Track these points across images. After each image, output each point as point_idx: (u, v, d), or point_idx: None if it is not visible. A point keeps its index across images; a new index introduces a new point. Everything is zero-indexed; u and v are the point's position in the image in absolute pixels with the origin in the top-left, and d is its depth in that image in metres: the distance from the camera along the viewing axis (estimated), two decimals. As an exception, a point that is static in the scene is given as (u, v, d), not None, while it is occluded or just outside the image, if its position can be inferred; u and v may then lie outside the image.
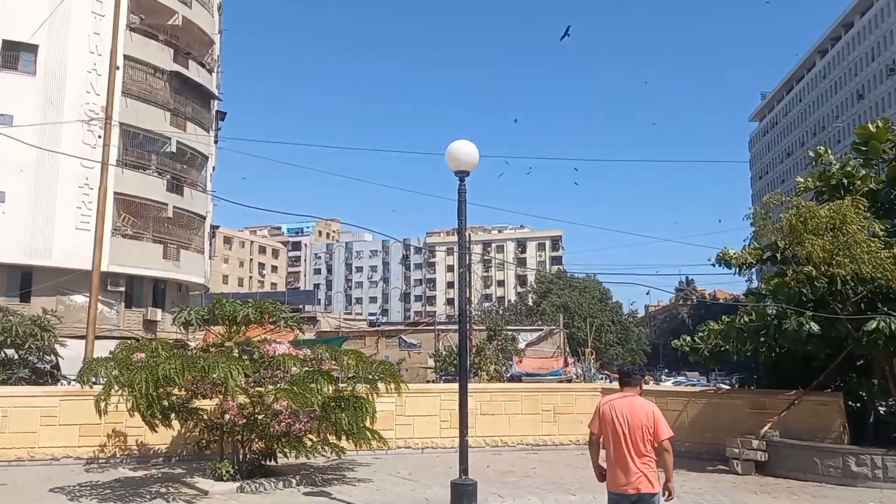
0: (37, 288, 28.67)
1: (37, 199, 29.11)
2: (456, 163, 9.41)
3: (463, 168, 9.42)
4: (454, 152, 9.40)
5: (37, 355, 14.27)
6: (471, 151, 9.41)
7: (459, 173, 9.45)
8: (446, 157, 9.46)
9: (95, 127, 29.14)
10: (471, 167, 9.47)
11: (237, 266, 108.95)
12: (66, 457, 12.91)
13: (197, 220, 36.37)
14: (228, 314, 11.82)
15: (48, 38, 29.68)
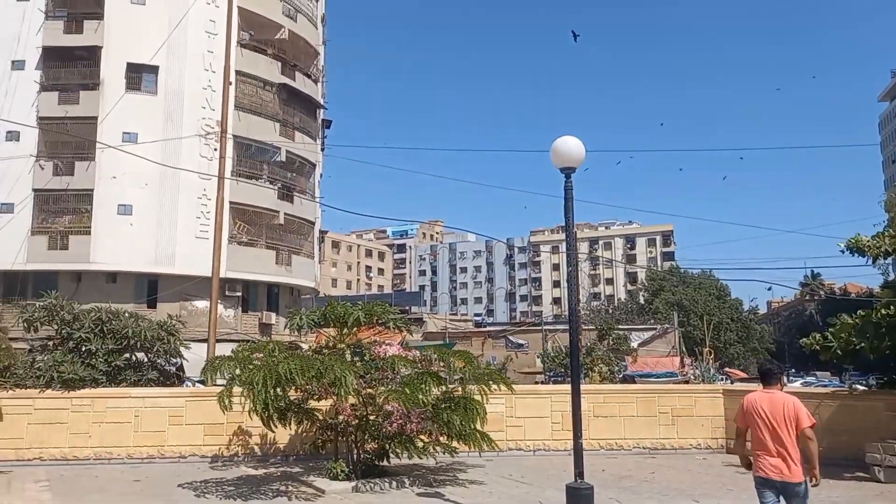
0: (162, 294, 30.47)
1: (160, 210, 30.97)
2: (561, 159, 9.17)
3: (569, 164, 9.17)
4: (560, 149, 9.16)
5: (164, 358, 15.08)
6: (576, 147, 9.15)
7: (565, 170, 9.20)
8: (551, 154, 9.23)
9: (211, 140, 30.71)
10: (577, 163, 9.20)
11: (345, 269, 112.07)
12: (192, 455, 13.54)
13: (306, 226, 37.61)
14: (340, 317, 12.05)
15: (167, 59, 31.56)
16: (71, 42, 31.35)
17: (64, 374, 13.47)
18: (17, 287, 29.95)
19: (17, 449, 13.14)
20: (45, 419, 13.31)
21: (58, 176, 30.67)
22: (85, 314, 14.69)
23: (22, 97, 30.47)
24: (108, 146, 28.44)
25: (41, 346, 14.89)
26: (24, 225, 30.31)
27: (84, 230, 30.40)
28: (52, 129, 30.76)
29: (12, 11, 31.17)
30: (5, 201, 30.29)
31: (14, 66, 30.98)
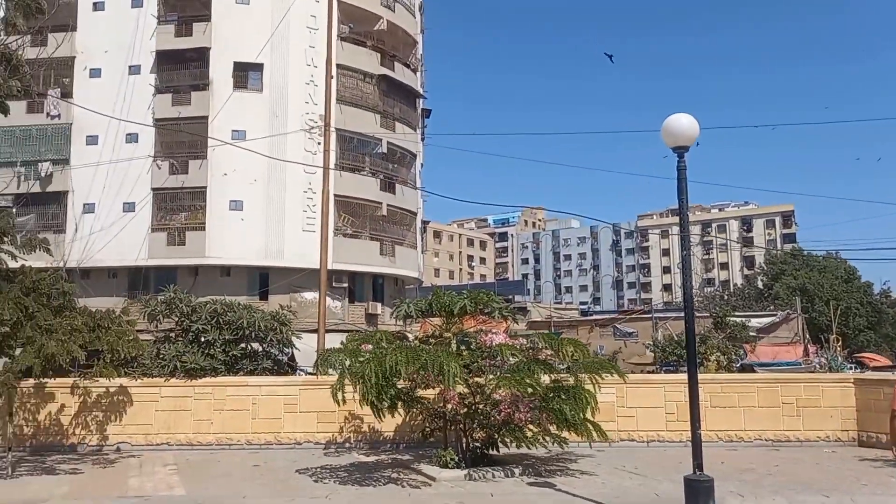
0: (273, 287, 31.59)
1: (269, 205, 32.08)
2: (674, 138, 8.74)
3: (681, 143, 8.75)
4: (672, 127, 8.73)
5: (277, 347, 15.59)
6: (689, 125, 8.70)
7: (678, 149, 8.78)
8: (662, 133, 8.82)
9: (315, 134, 31.51)
10: (690, 142, 8.77)
11: (447, 259, 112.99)
12: (307, 441, 13.96)
13: (409, 217, 38.00)
14: (445, 306, 12.05)
15: (271, 57, 32.56)
16: (181, 45, 32.86)
17: (186, 363, 14.17)
18: (141, 282, 31.86)
19: (146, 434, 13.97)
20: (170, 406, 14.07)
21: (174, 174, 32.30)
22: (202, 306, 15.37)
23: (139, 100, 32.27)
24: (222, 142, 29.72)
25: (164, 337, 15.71)
26: (145, 223, 32.13)
27: (199, 226, 31.91)
28: (167, 129, 32.44)
29: (128, 19, 33.00)
30: (127, 200, 32.21)
31: (131, 71, 32.82)
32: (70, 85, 32.92)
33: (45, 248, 13.81)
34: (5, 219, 13.73)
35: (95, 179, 32.01)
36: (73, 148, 32.74)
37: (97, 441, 13.91)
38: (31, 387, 13.69)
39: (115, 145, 32.12)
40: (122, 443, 13.89)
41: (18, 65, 14.49)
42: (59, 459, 12.90)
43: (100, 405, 14.04)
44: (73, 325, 11.91)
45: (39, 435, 13.95)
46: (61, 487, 10.50)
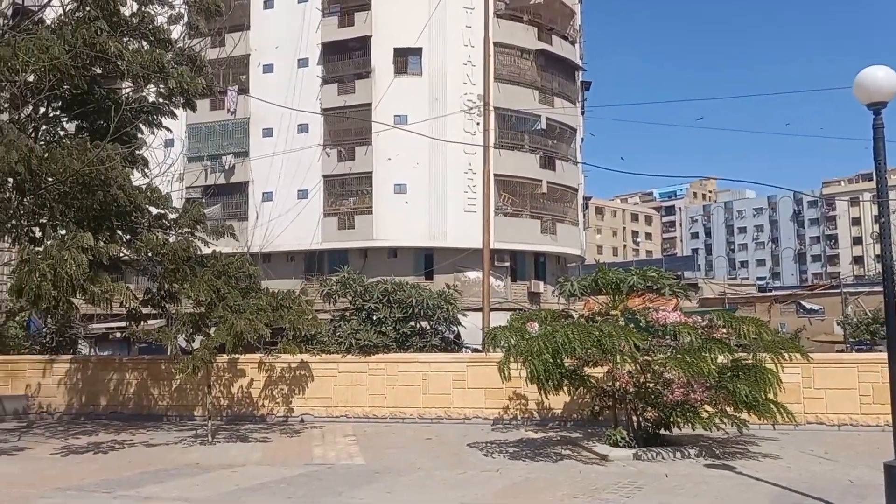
0: (437, 267, 32.34)
1: (431, 187, 32.80)
2: (867, 94, 7.81)
3: (877, 99, 7.79)
4: (866, 82, 7.79)
5: (444, 325, 15.96)
6: (887, 78, 7.70)
7: (873, 106, 7.83)
8: (855, 88, 7.89)
9: (474, 115, 31.71)
10: (888, 97, 7.78)
11: (610, 236, 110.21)
12: (475, 417, 14.19)
13: (570, 193, 37.35)
14: (612, 283, 11.71)
15: (429, 40, 33.10)
16: (345, 35, 34.26)
17: (360, 340, 14.88)
18: (315, 264, 33.88)
19: (327, 407, 14.85)
20: (347, 381, 14.85)
21: (342, 161, 33.91)
22: (373, 286, 16.04)
23: (308, 92, 34.11)
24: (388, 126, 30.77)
25: (340, 315, 16.57)
26: (317, 208, 34.03)
27: (367, 210, 33.33)
28: (333, 118, 34.07)
29: (295, 14, 34.91)
30: (301, 188, 34.27)
31: (300, 65, 34.76)
32: (246, 81, 35.44)
33: (232, 234, 15.00)
34: (198, 209, 15.08)
35: (272, 169, 34.32)
36: (252, 141, 35.31)
37: (283, 412, 14.98)
38: (224, 362, 14.96)
39: (287, 136, 34.25)
40: (306, 414, 14.87)
41: (202, 65, 15.76)
42: (251, 428, 14.04)
43: (284, 379, 15.10)
44: (259, 305, 12.84)
45: (233, 406, 15.25)
46: (255, 453, 11.41)
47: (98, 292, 11.31)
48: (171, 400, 15.66)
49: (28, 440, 13.08)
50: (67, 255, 10.53)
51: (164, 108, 15.50)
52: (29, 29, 13.63)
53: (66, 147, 11.95)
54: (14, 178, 11.80)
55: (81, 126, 14.82)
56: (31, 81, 12.79)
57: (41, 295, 10.56)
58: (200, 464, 10.51)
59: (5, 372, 16.98)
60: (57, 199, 12.09)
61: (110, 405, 16.04)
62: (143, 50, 13.87)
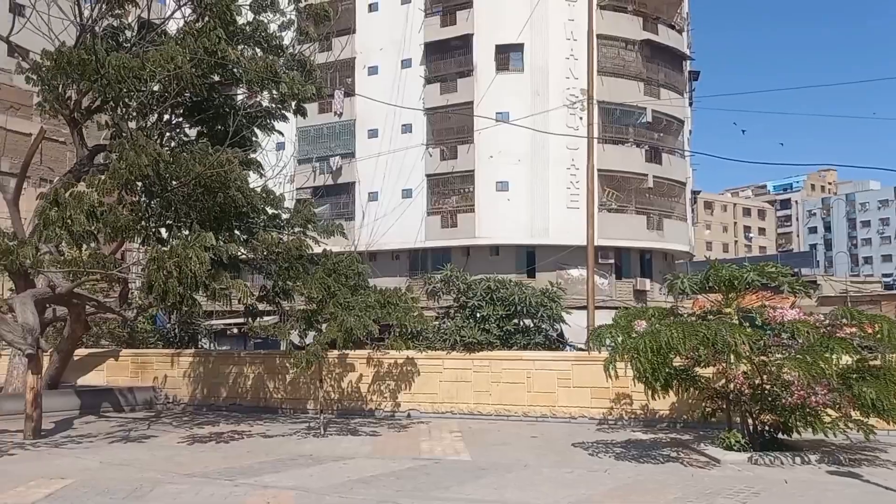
0: (539, 264, 32.11)
1: (533, 184, 32.61)
2: None
3: None
4: None
5: (548, 323, 15.83)
6: None
7: None
8: None
9: (577, 109, 31.26)
10: None
11: (720, 231, 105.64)
12: (581, 416, 14.01)
13: (677, 188, 36.19)
14: (725, 280, 11.25)
15: (531, 35, 32.90)
16: (447, 34, 34.61)
17: (465, 337, 14.98)
18: (419, 262, 34.38)
19: (432, 403, 15.05)
20: (452, 378, 14.99)
21: (444, 160, 34.27)
22: (476, 284, 16.11)
23: (411, 92, 34.68)
24: (492, 119, 30.82)
25: (444, 313, 16.75)
26: (421, 207, 34.53)
27: (469, 208, 33.52)
28: (436, 117, 34.45)
29: (399, 16, 35.57)
30: (405, 187, 34.86)
31: (403, 65, 35.39)
32: (352, 84, 36.41)
33: (342, 233, 15.48)
34: (309, 209, 15.65)
35: (377, 169, 35.12)
36: (358, 142, 36.27)
37: (391, 407, 15.31)
38: (335, 357, 15.44)
39: (392, 137, 34.95)
40: (412, 409, 15.12)
41: (312, 70, 16.33)
42: (360, 422, 14.42)
43: (391, 375, 15.42)
44: (367, 302, 13.19)
45: (343, 400, 15.72)
46: (365, 447, 11.72)
47: (219, 289, 11.94)
48: (285, 393, 16.31)
49: (156, 429, 13.95)
50: (192, 253, 11.18)
51: (276, 112, 16.17)
52: (154, 41, 14.56)
53: (190, 152, 12.69)
54: (143, 182, 12.64)
55: (201, 131, 15.70)
56: (157, 90, 13.67)
57: (168, 291, 11.28)
58: (314, 455, 10.89)
59: (136, 364, 18.22)
60: (181, 201, 12.84)
61: (230, 397, 16.88)
62: (258, 56, 14.53)
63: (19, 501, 8.15)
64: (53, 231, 11.70)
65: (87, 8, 14.85)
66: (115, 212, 12.29)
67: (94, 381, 18.25)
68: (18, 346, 12.93)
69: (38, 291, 13.72)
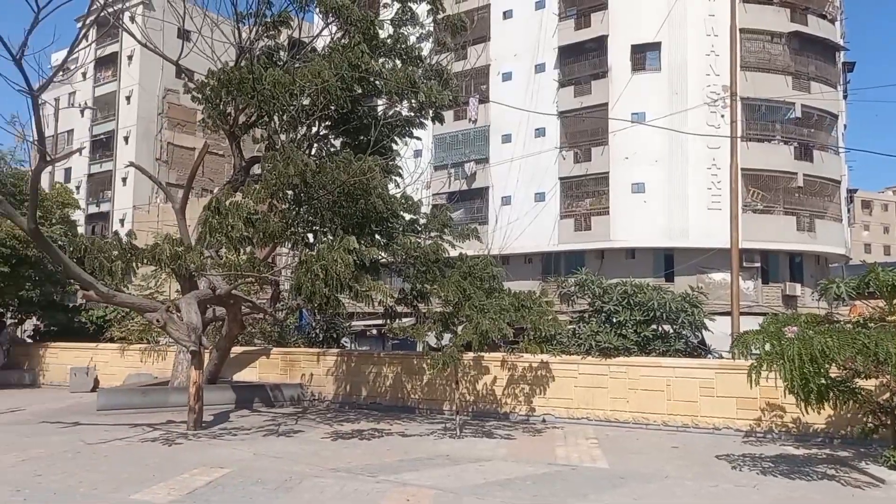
0: (678, 268, 30.99)
1: (671, 185, 31.54)
2: None
3: None
4: None
5: (689, 330, 15.25)
6: None
7: None
8: None
9: (718, 107, 29.94)
10: None
11: (881, 232, 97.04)
12: (725, 427, 13.39)
13: (830, 186, 33.77)
14: (888, 284, 10.42)
15: (668, 33, 31.90)
16: (581, 37, 34.29)
17: (600, 342, 14.75)
18: (552, 266, 34.17)
19: (567, 408, 14.93)
20: (587, 383, 14.80)
21: (578, 163, 33.88)
22: (612, 288, 15.80)
23: (544, 96, 34.58)
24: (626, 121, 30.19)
25: (578, 317, 16.56)
26: (554, 211, 34.30)
27: (603, 211, 32.93)
28: (570, 120, 34.13)
29: (532, 22, 35.62)
30: (538, 191, 34.76)
31: (536, 70, 35.36)
32: (486, 91, 36.82)
33: (477, 237, 15.70)
34: (445, 214, 16.01)
35: (510, 174, 35.30)
36: (491, 147, 36.60)
37: (525, 411, 15.33)
38: (470, 359, 15.66)
39: (525, 141, 35.01)
40: (547, 414, 15.07)
41: (448, 79, 16.73)
42: (494, 425, 14.55)
43: (525, 378, 15.44)
44: (502, 305, 13.29)
45: (478, 402, 15.91)
46: (500, 449, 11.83)
47: (361, 290, 12.49)
48: (422, 394, 16.75)
49: (303, 424, 14.74)
50: (337, 256, 11.79)
51: (415, 121, 16.69)
52: (304, 58, 15.49)
53: (334, 161, 13.38)
54: (293, 191, 13.46)
55: (345, 142, 16.49)
56: (306, 104, 14.53)
57: (315, 292, 11.94)
58: (450, 456, 11.13)
59: (285, 362, 19.35)
60: (326, 207, 13.54)
61: (370, 395, 17.56)
62: (398, 68, 15.09)
63: (185, 486, 8.94)
64: (215, 237, 12.69)
65: (246, 31, 16.05)
66: (267, 219, 13.17)
67: (247, 377, 19.56)
68: (184, 343, 14.11)
69: (200, 293, 14.92)
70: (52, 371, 23.04)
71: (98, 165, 54.07)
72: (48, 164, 13.34)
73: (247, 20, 16.24)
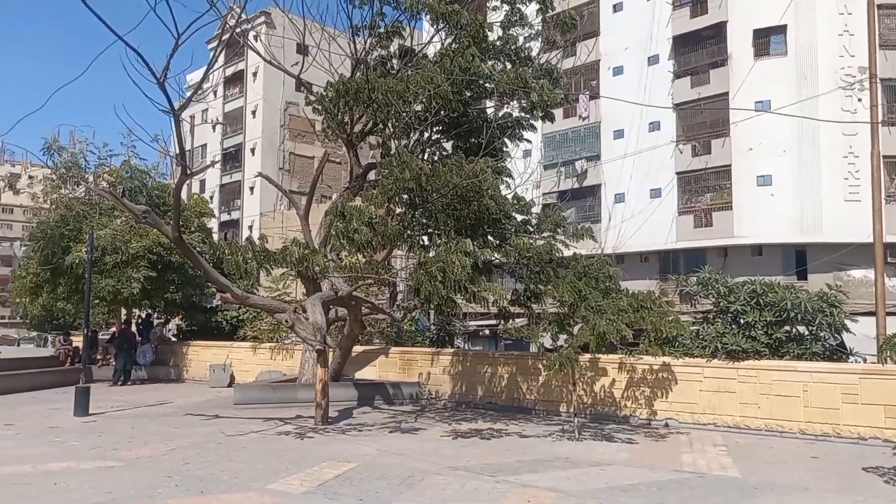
0: (812, 265, 29.09)
1: (801, 177, 29.67)
2: None
3: None
4: None
5: (828, 331, 14.20)
6: None
7: None
8: None
9: (854, 90, 27.90)
10: None
11: None
12: (872, 437, 12.38)
13: None
14: None
15: (795, 14, 30.02)
16: (697, 25, 32.85)
17: (727, 345, 14.04)
18: (670, 264, 32.97)
19: (692, 413, 14.33)
20: (713, 387, 14.14)
21: (696, 156, 32.51)
22: (738, 287, 15.00)
23: (658, 89, 33.41)
24: (750, 111, 28.73)
25: (702, 318, 15.86)
26: (671, 207, 33.07)
27: (725, 205, 31.41)
28: (686, 112, 32.82)
29: (644, 13, 34.50)
30: (653, 187, 33.65)
31: (649, 62, 34.23)
32: (597, 86, 36.07)
33: (591, 236, 15.39)
34: (558, 213, 15.81)
35: (623, 170, 34.39)
36: (603, 144, 35.80)
37: (646, 415, 14.85)
38: (586, 361, 15.37)
39: (638, 136, 34.01)
40: (670, 419, 14.53)
41: (559, 77, 16.50)
42: (614, 428, 14.19)
43: (646, 381, 14.97)
44: (620, 305, 12.94)
45: (596, 404, 15.58)
46: (621, 454, 11.51)
47: (476, 291, 12.53)
48: (537, 395, 16.60)
49: (422, 422, 14.97)
50: (455, 258, 11.89)
51: (525, 121, 16.59)
52: (415, 65, 15.75)
53: (447, 164, 13.50)
54: (408, 195, 13.70)
55: (456, 145, 16.61)
56: (418, 110, 14.77)
57: (434, 293, 12.10)
58: (569, 458, 10.94)
59: (403, 361, 19.74)
60: (440, 210, 13.69)
61: (485, 395, 17.59)
62: (509, 69, 15.04)
63: (316, 479, 9.31)
64: (339, 241, 13.13)
65: (360, 42, 16.52)
66: (385, 222, 13.48)
67: (367, 375, 20.12)
68: (310, 343, 14.67)
69: (324, 294, 15.48)
70: (193, 367, 24.70)
71: (228, 176, 57.41)
72: (189, 177, 14.24)
73: (362, 32, 16.70)
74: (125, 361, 22.96)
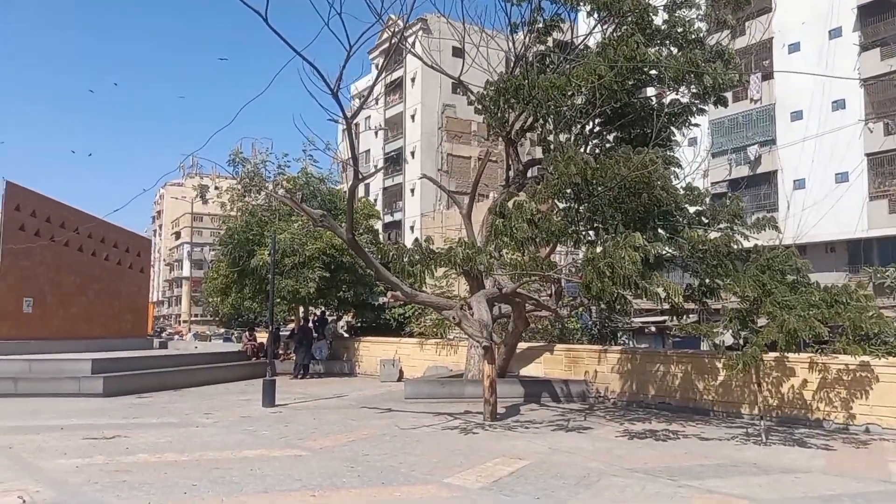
0: None
1: None
2: None
3: None
4: None
5: None
6: None
7: None
8: None
9: None
10: None
11: None
12: None
13: None
14: None
15: None
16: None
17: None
18: (861, 254, 30.06)
19: (895, 417, 12.96)
20: (923, 389, 12.69)
21: (890, 135, 29.46)
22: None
23: (841, 64, 30.58)
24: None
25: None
26: (860, 191, 30.21)
27: (926, 188, 28.25)
28: (876, 88, 29.78)
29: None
30: (839, 171, 30.86)
31: (830, 36, 31.43)
32: (770, 66, 33.66)
33: (774, 226, 14.30)
34: (736, 203, 14.85)
35: (803, 154, 31.88)
36: (779, 127, 33.35)
37: (842, 419, 13.61)
38: (770, 360, 14.32)
39: (820, 116, 31.38)
40: (871, 424, 13.22)
41: (731, 58, 15.53)
42: (805, 433, 13.13)
43: (841, 382, 13.71)
44: (810, 300, 11.93)
45: (783, 407, 14.49)
46: (816, 461, 10.62)
47: (649, 287, 12.05)
48: (715, 395, 15.72)
49: (591, 421, 14.67)
50: (624, 253, 11.52)
51: (695, 107, 15.77)
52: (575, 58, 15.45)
53: (613, 157, 13.11)
54: (573, 189, 13.46)
55: (619, 137, 16.11)
56: (578, 103, 14.47)
57: (604, 290, 11.80)
58: (758, 464, 10.26)
59: (568, 359, 19.47)
60: (607, 204, 13.33)
61: (658, 395, 16.92)
62: (676, 54, 14.36)
63: (490, 474, 9.38)
64: (501, 239, 13.17)
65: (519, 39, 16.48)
66: (549, 218, 13.33)
67: (532, 372, 20.05)
68: (476, 339, 14.85)
69: (488, 292, 15.60)
70: (364, 362, 25.94)
71: (390, 179, 59.74)
72: (360, 182, 14.89)
73: (520, 28, 16.64)
74: (304, 356, 24.51)
